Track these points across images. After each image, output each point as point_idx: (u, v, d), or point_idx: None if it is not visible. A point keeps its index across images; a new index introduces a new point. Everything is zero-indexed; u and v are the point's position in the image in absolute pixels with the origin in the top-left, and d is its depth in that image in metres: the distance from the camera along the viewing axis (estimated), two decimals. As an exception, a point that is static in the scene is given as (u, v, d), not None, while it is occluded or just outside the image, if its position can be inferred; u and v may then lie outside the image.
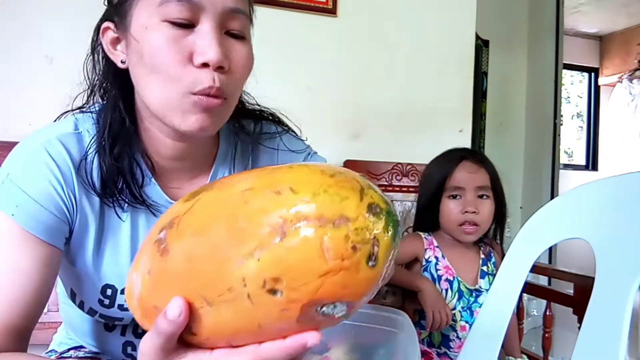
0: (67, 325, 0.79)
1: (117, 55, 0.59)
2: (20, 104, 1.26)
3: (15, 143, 1.27)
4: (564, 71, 3.33)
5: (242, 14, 0.56)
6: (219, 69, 0.54)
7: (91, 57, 0.63)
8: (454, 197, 1.13)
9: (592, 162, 5.16)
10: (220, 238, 0.35)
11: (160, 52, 0.53)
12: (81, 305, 0.65)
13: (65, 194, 0.58)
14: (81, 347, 0.77)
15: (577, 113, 5.32)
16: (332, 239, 0.32)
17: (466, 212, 1.11)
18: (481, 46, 2.54)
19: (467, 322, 1.13)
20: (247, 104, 0.73)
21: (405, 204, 1.54)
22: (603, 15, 4.49)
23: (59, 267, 0.60)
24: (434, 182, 1.15)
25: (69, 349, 0.77)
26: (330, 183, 0.35)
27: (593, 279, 0.71)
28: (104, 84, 0.63)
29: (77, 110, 0.64)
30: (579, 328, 0.72)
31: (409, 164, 1.58)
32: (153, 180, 0.64)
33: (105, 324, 0.69)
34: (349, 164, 1.52)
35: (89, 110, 0.64)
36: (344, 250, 0.32)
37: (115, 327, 0.70)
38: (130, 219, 0.63)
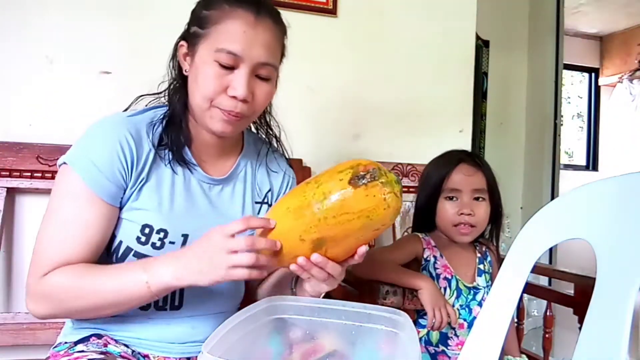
0: None
1: (184, 65, 0.83)
2: (20, 104, 1.25)
3: (15, 143, 1.27)
4: (564, 71, 3.33)
5: (271, 66, 0.80)
6: (243, 101, 0.78)
7: (170, 61, 0.87)
8: (451, 198, 1.16)
9: (592, 163, 5.16)
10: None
11: (207, 80, 0.77)
12: (117, 249, 0.80)
13: (127, 166, 0.78)
14: (89, 338, 0.80)
15: (578, 113, 5.32)
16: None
17: (462, 213, 1.13)
18: (481, 46, 2.54)
19: (465, 320, 1.13)
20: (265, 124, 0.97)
21: (405, 204, 1.54)
22: (603, 15, 4.49)
23: (116, 220, 0.79)
24: (431, 183, 1.18)
25: (76, 343, 0.80)
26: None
27: (593, 279, 0.71)
28: (176, 83, 0.86)
29: (153, 96, 0.88)
30: (580, 328, 0.72)
31: (409, 164, 1.58)
32: (189, 152, 0.86)
33: None
34: (349, 164, 1.52)
35: (159, 100, 0.89)
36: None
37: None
38: (174, 175, 0.84)
